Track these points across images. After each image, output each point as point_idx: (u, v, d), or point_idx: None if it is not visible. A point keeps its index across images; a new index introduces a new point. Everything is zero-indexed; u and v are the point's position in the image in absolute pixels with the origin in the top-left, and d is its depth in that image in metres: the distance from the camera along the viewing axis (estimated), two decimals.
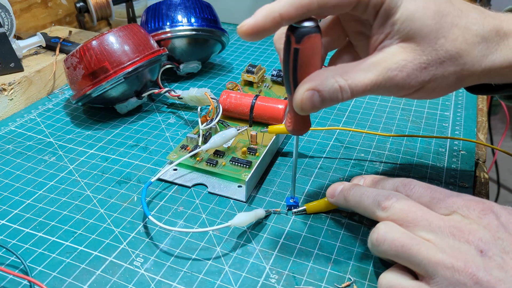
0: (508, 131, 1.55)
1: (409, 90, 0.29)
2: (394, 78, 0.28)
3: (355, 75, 0.28)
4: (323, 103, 0.29)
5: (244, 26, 0.28)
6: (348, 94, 0.28)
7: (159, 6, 0.57)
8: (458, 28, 0.28)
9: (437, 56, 0.28)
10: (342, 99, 0.29)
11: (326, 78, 0.28)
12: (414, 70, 0.28)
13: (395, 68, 0.28)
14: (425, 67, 0.28)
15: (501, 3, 0.43)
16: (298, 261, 0.33)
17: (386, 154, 0.45)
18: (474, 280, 0.26)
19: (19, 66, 0.55)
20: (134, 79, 0.49)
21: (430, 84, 0.29)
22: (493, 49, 0.29)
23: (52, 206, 0.39)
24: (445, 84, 0.30)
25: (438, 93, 0.30)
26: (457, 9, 0.29)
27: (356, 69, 0.29)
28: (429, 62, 0.28)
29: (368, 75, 0.28)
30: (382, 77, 0.28)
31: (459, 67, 0.29)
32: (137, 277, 0.32)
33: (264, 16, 0.27)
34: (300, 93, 0.28)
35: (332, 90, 0.28)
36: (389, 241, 0.29)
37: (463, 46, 0.28)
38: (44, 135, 0.49)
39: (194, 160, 0.42)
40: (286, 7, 0.27)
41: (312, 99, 0.28)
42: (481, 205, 0.29)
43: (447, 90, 0.30)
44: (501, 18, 0.30)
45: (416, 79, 0.29)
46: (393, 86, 0.29)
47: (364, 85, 0.28)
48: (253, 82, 0.55)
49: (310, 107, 0.29)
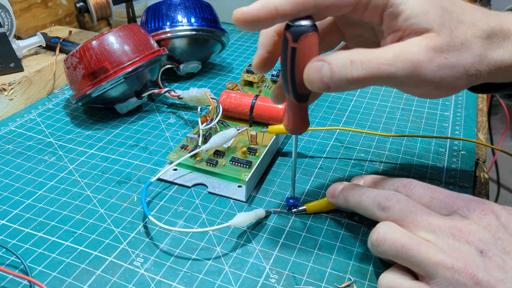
0: (508, 131, 1.55)
1: (428, 82, 0.28)
2: (415, 61, 0.27)
3: (371, 53, 0.27)
4: (332, 78, 0.27)
5: (238, 12, 0.28)
6: (359, 70, 0.27)
7: (159, 6, 0.57)
8: (464, 24, 0.28)
9: (455, 46, 0.28)
10: (352, 77, 0.27)
11: (338, 53, 0.27)
12: (436, 57, 0.27)
13: (417, 51, 0.27)
14: (446, 57, 0.27)
15: (501, 3, 0.43)
16: (298, 261, 0.33)
17: (386, 154, 0.45)
18: (474, 280, 0.26)
19: (19, 66, 0.55)
20: (134, 79, 0.49)
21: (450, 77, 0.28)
22: (499, 45, 0.29)
23: (52, 206, 0.39)
24: (464, 78, 0.28)
25: (456, 89, 0.29)
26: (460, 7, 0.29)
27: (373, 50, 0.27)
28: (449, 50, 0.27)
29: (385, 54, 0.27)
30: (401, 58, 0.27)
31: (476, 59, 0.28)
32: (137, 277, 0.32)
33: (260, 6, 0.27)
34: (309, 64, 0.28)
35: (343, 62, 0.27)
36: (389, 241, 0.29)
37: (473, 39, 0.28)
38: (44, 135, 0.49)
39: (194, 160, 0.42)
40: (283, 2, 0.27)
41: (321, 71, 0.27)
42: (481, 206, 0.29)
43: (464, 85, 0.29)
44: (503, 17, 0.30)
45: (438, 66, 0.27)
46: (413, 70, 0.27)
47: (379, 63, 0.27)
48: (253, 82, 0.55)
49: (318, 80, 0.27)
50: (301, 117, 0.32)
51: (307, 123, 0.32)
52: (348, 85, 0.27)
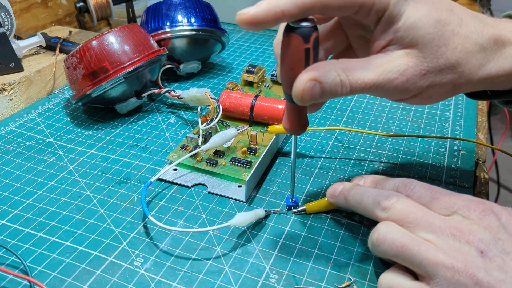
0: (508, 131, 1.55)
1: (406, 94, 0.30)
2: (394, 81, 0.29)
3: (357, 72, 0.28)
4: (322, 95, 0.29)
5: (244, 14, 0.27)
6: (347, 89, 0.29)
7: (159, 6, 0.57)
8: (458, 36, 0.29)
9: (437, 64, 0.29)
10: (341, 93, 0.29)
11: (328, 70, 0.28)
12: (414, 76, 0.29)
13: (396, 71, 0.28)
14: (425, 74, 0.29)
15: (501, 3, 0.43)
16: (298, 261, 0.33)
17: (386, 154, 0.45)
18: (474, 281, 0.26)
19: (19, 66, 0.55)
20: (134, 79, 0.49)
21: (428, 90, 0.30)
22: (490, 58, 0.30)
23: (52, 206, 0.39)
24: (442, 91, 0.30)
25: (434, 99, 0.31)
26: (457, 17, 0.29)
27: (358, 66, 0.29)
28: (429, 69, 0.29)
29: (368, 75, 0.28)
30: (382, 78, 0.28)
31: (457, 75, 0.29)
32: (137, 277, 0.32)
33: (266, 9, 0.27)
34: (301, 83, 0.28)
35: (334, 83, 0.28)
36: (389, 241, 0.29)
37: (462, 55, 0.29)
38: (44, 135, 0.49)
39: (194, 160, 0.42)
40: (289, 4, 0.27)
41: (313, 90, 0.28)
42: (481, 206, 0.29)
43: (443, 96, 0.31)
44: (499, 27, 0.30)
45: (415, 84, 0.29)
46: (392, 88, 0.29)
47: (364, 84, 0.28)
48: (253, 82, 0.55)
49: (310, 98, 0.29)
50: (300, 117, 0.32)
51: (306, 124, 0.32)
52: (336, 97, 0.29)
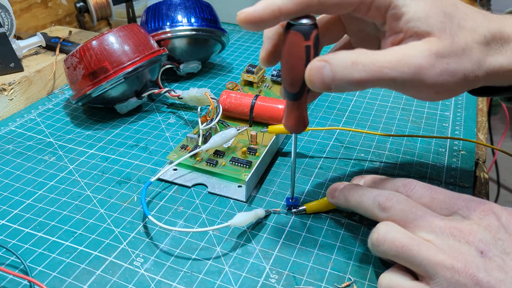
0: (508, 131, 1.55)
1: (429, 86, 0.28)
2: (417, 66, 0.27)
3: (373, 55, 0.27)
4: (333, 79, 0.27)
5: (243, 13, 0.28)
6: (361, 73, 0.27)
7: (159, 6, 0.57)
8: (465, 29, 0.28)
9: (456, 51, 0.28)
10: (354, 79, 0.27)
11: (340, 53, 0.27)
12: (437, 62, 0.27)
13: (420, 56, 0.27)
14: (447, 63, 0.28)
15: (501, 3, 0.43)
16: (298, 261, 0.33)
17: (386, 154, 0.45)
18: (475, 281, 0.26)
19: (19, 66, 0.55)
20: (134, 79, 0.49)
21: (449, 82, 0.28)
22: (497, 51, 0.29)
23: (52, 206, 0.39)
24: (463, 83, 0.29)
25: (455, 93, 0.30)
26: (462, 12, 0.29)
27: (375, 52, 0.28)
28: (450, 55, 0.28)
29: (387, 57, 0.27)
30: (404, 62, 0.27)
31: (475, 65, 0.28)
32: (137, 277, 0.32)
33: (264, 7, 0.27)
34: (311, 63, 0.28)
35: (345, 64, 0.27)
36: (389, 242, 0.29)
37: (473, 45, 0.28)
38: (44, 135, 0.49)
39: (194, 160, 0.42)
40: (286, 2, 0.27)
41: (322, 71, 0.27)
42: (481, 206, 0.29)
43: (462, 89, 0.30)
44: (504, 22, 0.30)
45: (440, 71, 0.27)
46: (415, 75, 0.27)
47: (381, 66, 0.27)
48: (253, 82, 0.55)
49: (320, 80, 0.27)
50: (301, 116, 0.32)
51: (307, 122, 0.33)
52: (349, 86, 0.27)
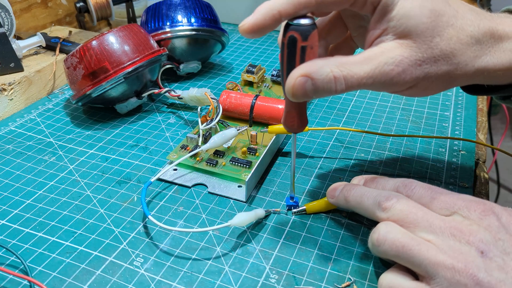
0: (508, 131, 1.55)
1: (402, 86, 0.29)
2: (390, 72, 0.28)
3: (351, 67, 0.28)
4: (315, 92, 0.28)
5: (245, 24, 0.28)
6: (342, 86, 0.28)
7: (159, 6, 0.57)
8: (453, 28, 0.29)
9: (432, 54, 0.29)
10: (335, 90, 0.28)
11: (321, 66, 0.28)
12: (410, 66, 0.28)
13: (391, 62, 0.28)
14: (420, 64, 0.29)
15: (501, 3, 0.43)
16: (298, 261, 0.33)
17: (386, 154, 0.45)
18: (475, 281, 0.26)
19: (19, 66, 0.55)
20: (134, 79, 0.49)
21: (424, 81, 0.29)
22: (486, 51, 0.30)
23: (52, 206, 0.39)
24: (438, 83, 0.30)
25: (431, 91, 0.31)
26: (453, 9, 0.29)
27: (352, 61, 0.29)
28: (424, 59, 0.29)
29: (364, 68, 0.28)
30: (378, 71, 0.28)
31: (453, 66, 0.29)
32: (137, 277, 0.32)
33: (263, 14, 0.28)
34: (292, 78, 0.28)
35: (327, 79, 0.28)
36: (389, 242, 0.29)
37: (457, 46, 0.29)
38: (44, 135, 0.49)
39: (194, 160, 0.42)
40: (285, 4, 0.27)
41: (305, 86, 0.28)
42: (482, 206, 0.29)
43: (439, 88, 0.31)
44: (496, 21, 0.30)
45: (411, 75, 0.29)
46: (388, 80, 0.29)
47: (360, 78, 0.28)
48: (253, 82, 0.55)
49: (302, 94, 0.28)
50: (300, 115, 0.32)
51: (306, 122, 0.33)
52: (328, 95, 0.29)
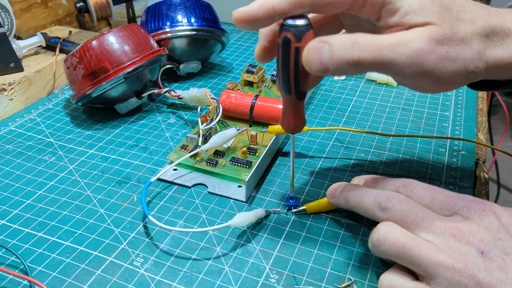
0: (508, 131, 1.55)
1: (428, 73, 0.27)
2: (417, 50, 0.27)
3: (373, 37, 0.27)
4: (332, 60, 0.26)
5: (238, 12, 0.29)
6: (360, 52, 0.26)
7: (159, 6, 0.57)
8: (463, 21, 0.28)
9: (456, 40, 0.28)
10: (352, 59, 0.26)
11: (339, 35, 0.27)
12: (438, 47, 0.27)
13: (419, 40, 0.27)
14: (447, 50, 0.27)
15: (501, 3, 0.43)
16: (298, 261, 0.33)
17: (386, 154, 0.45)
18: (475, 281, 0.26)
19: (19, 66, 0.55)
20: (134, 79, 0.49)
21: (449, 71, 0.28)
22: (498, 43, 0.29)
23: (52, 206, 0.39)
24: (463, 73, 0.28)
25: (454, 84, 0.29)
26: (459, 5, 0.29)
27: (374, 35, 0.27)
28: (450, 43, 0.27)
29: (388, 39, 0.27)
30: (403, 45, 0.27)
31: (475, 55, 0.28)
32: (137, 277, 0.32)
33: (258, 6, 0.28)
34: (309, 44, 0.27)
35: (344, 44, 0.26)
36: (389, 242, 0.29)
37: (472, 36, 0.28)
38: (44, 135, 0.49)
39: (194, 160, 0.42)
40: (280, 1, 0.27)
41: (321, 52, 0.27)
42: (482, 206, 0.29)
43: (462, 81, 0.29)
44: (504, 16, 0.30)
45: (441, 57, 0.27)
46: (414, 58, 0.27)
47: (381, 47, 0.26)
48: (253, 82, 0.55)
49: (317, 61, 0.27)
50: (298, 116, 0.32)
51: (304, 122, 0.33)
52: (347, 68, 0.27)
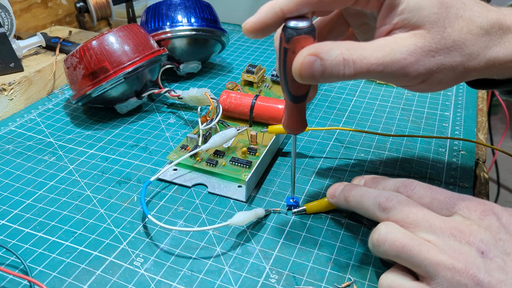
0: (508, 131, 1.55)
1: (414, 79, 0.28)
2: (402, 61, 0.27)
3: (362, 51, 0.27)
4: (323, 74, 0.27)
5: (247, 24, 0.28)
6: (351, 69, 0.27)
7: (159, 6, 0.57)
8: (462, 19, 0.28)
9: (445, 45, 0.28)
10: (343, 74, 0.27)
11: (331, 48, 0.27)
12: (423, 56, 0.28)
13: (404, 51, 0.27)
14: (433, 55, 0.28)
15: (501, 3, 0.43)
16: (298, 261, 0.33)
17: (386, 154, 0.45)
18: (475, 281, 0.26)
19: (19, 66, 0.55)
20: (134, 79, 0.49)
21: (437, 74, 0.29)
22: (496, 42, 0.29)
23: (52, 206, 0.39)
24: (451, 75, 0.29)
25: (444, 85, 0.30)
26: (460, 2, 0.29)
27: (364, 46, 0.28)
28: (437, 50, 0.28)
29: (375, 54, 0.27)
30: (389, 58, 0.27)
31: (465, 57, 0.29)
32: (137, 277, 0.32)
33: (265, 12, 0.28)
34: (301, 57, 0.27)
35: (336, 61, 0.27)
36: (390, 242, 0.29)
37: (468, 36, 0.28)
38: (44, 135, 0.49)
39: (194, 160, 0.42)
40: (287, 1, 0.27)
41: (313, 66, 0.27)
42: (482, 206, 0.29)
43: (452, 82, 0.30)
44: (504, 13, 0.30)
45: (424, 66, 0.28)
46: (399, 69, 0.28)
47: (370, 63, 0.27)
48: (253, 82, 0.55)
49: (309, 75, 0.27)
50: (299, 117, 0.32)
51: (305, 123, 0.33)
52: (336, 80, 0.28)
